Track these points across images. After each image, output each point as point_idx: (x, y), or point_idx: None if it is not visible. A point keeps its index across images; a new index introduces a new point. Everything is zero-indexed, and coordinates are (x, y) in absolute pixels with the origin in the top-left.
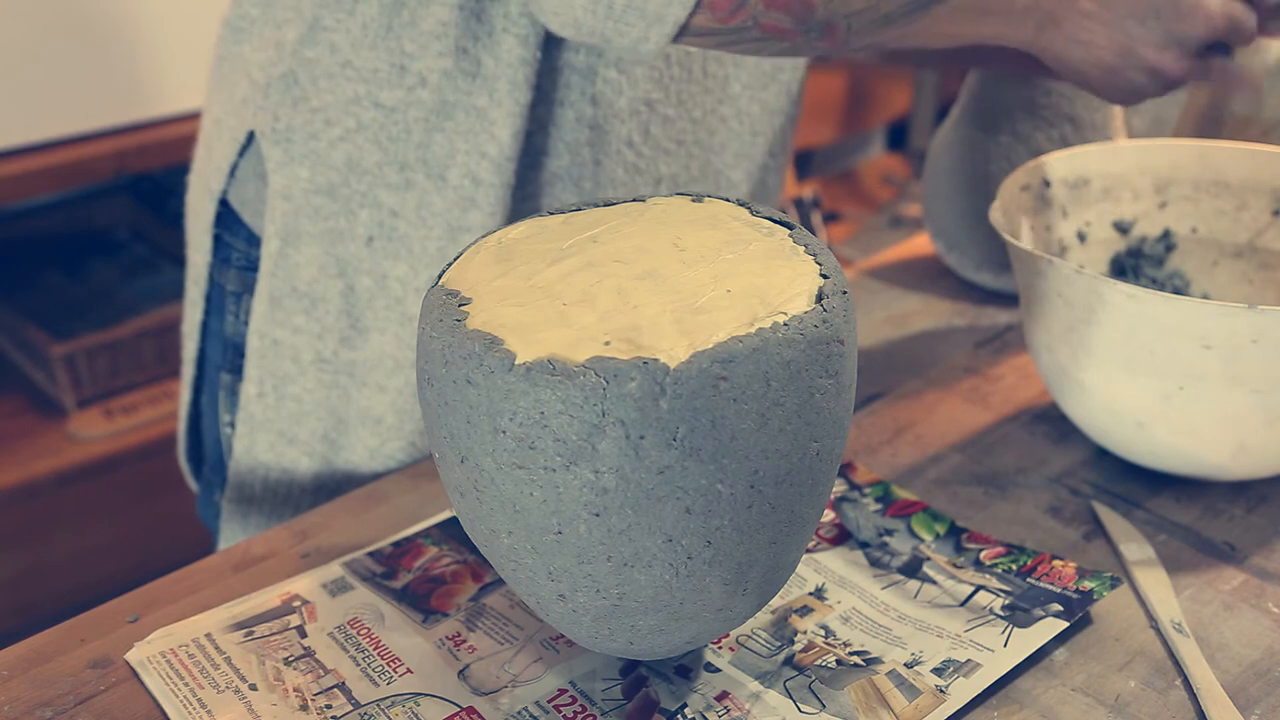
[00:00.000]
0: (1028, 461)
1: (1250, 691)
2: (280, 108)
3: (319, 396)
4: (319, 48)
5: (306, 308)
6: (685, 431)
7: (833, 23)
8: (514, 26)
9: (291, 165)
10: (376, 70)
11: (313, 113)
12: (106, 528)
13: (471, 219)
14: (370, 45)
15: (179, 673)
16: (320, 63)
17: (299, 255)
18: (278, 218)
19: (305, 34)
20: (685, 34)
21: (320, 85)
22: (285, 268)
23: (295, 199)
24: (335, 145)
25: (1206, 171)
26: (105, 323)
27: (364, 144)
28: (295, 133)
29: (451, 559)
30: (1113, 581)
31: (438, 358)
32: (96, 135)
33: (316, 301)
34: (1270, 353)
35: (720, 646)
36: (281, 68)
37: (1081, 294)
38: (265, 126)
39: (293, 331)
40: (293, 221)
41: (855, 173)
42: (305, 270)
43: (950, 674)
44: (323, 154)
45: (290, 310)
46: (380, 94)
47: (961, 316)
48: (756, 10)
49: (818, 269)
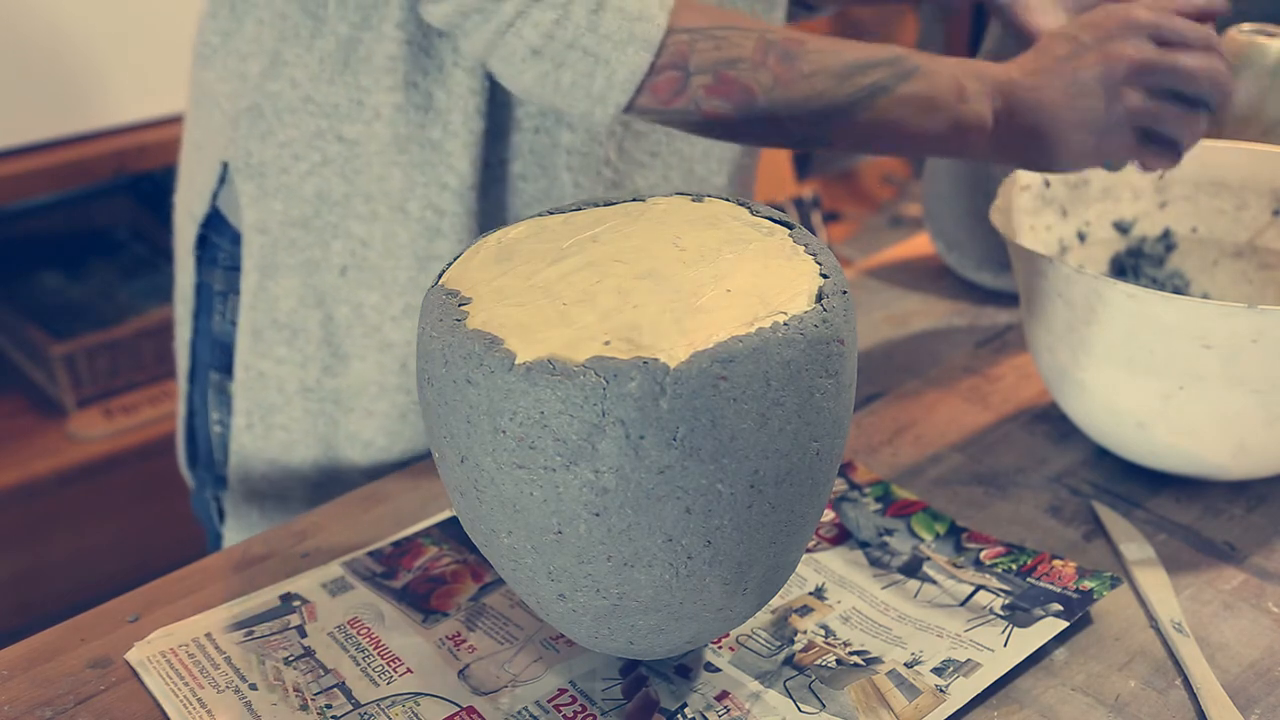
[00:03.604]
0: (1028, 461)
1: (1250, 691)
2: (250, 141)
3: (306, 425)
4: (281, 82)
5: (288, 339)
6: (685, 431)
7: (775, 113)
8: (463, 60)
9: (266, 199)
10: (337, 105)
11: (281, 147)
12: (106, 528)
13: (439, 248)
14: (329, 80)
15: (179, 673)
16: (283, 96)
17: (278, 287)
18: (255, 252)
19: (267, 68)
20: (631, 111)
21: (285, 120)
22: (265, 300)
23: (271, 232)
24: (305, 179)
25: (1206, 171)
26: (105, 323)
27: (331, 177)
28: (267, 167)
29: (451, 559)
30: (1113, 581)
31: (438, 358)
32: (96, 135)
33: (297, 332)
34: (1270, 353)
35: (720, 646)
36: (247, 100)
37: (1081, 294)
38: (239, 161)
39: (276, 363)
40: (270, 255)
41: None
42: (284, 302)
43: (950, 674)
44: (294, 187)
45: (272, 342)
46: (342, 128)
47: (961, 316)
48: (698, 96)
49: (818, 269)
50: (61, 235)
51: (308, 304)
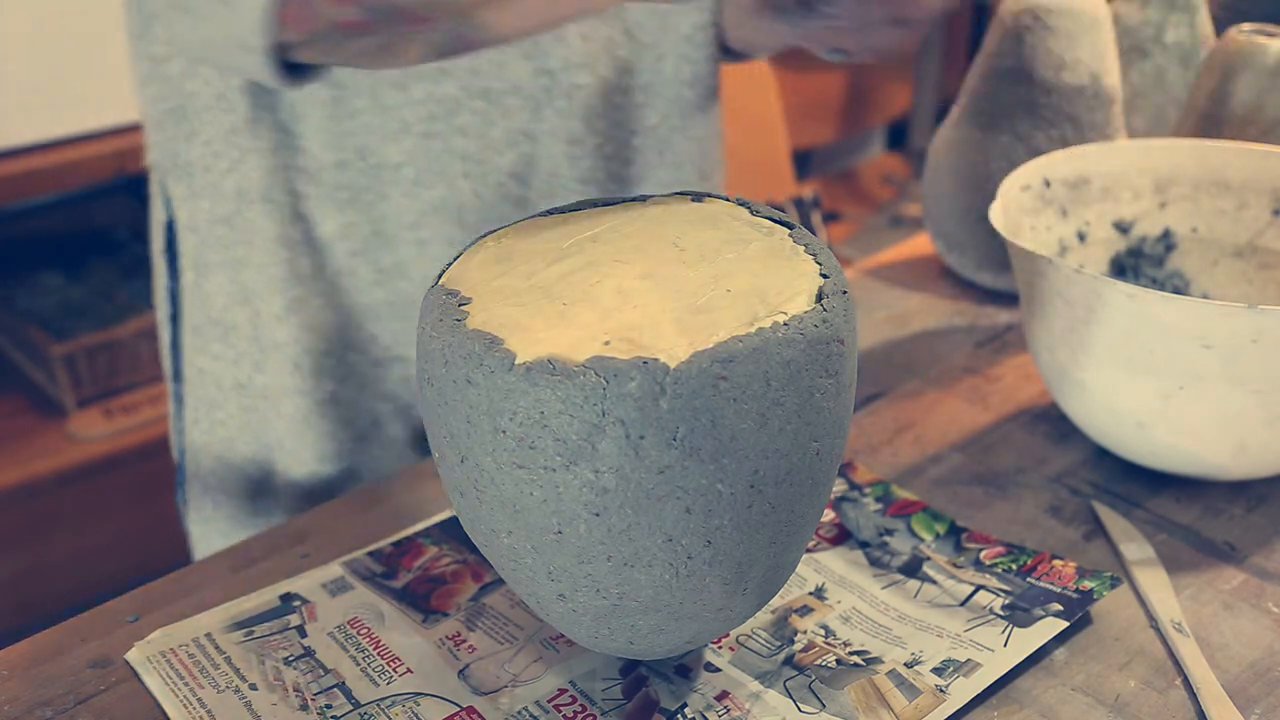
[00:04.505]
0: (1028, 461)
1: (1250, 691)
2: (176, 143)
3: (241, 421)
4: (197, 81)
5: (221, 335)
6: (685, 431)
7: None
8: None
9: (194, 199)
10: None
11: (204, 145)
12: (106, 528)
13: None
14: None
15: (179, 673)
16: (200, 95)
17: (210, 285)
18: (188, 250)
19: (185, 68)
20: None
21: (204, 118)
22: (200, 297)
23: (200, 231)
24: (226, 176)
25: (1206, 171)
26: (105, 323)
27: (249, 173)
28: (193, 166)
29: (451, 559)
30: (1113, 581)
31: (438, 358)
32: (96, 135)
33: (229, 329)
34: (1270, 353)
35: (720, 646)
36: (170, 102)
37: (1081, 294)
38: (167, 162)
39: (213, 359)
40: (201, 253)
41: (855, 173)
42: (217, 299)
43: (950, 674)
44: (217, 185)
45: (208, 338)
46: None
47: (961, 316)
48: (325, 10)
49: (818, 269)
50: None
51: (236, 300)
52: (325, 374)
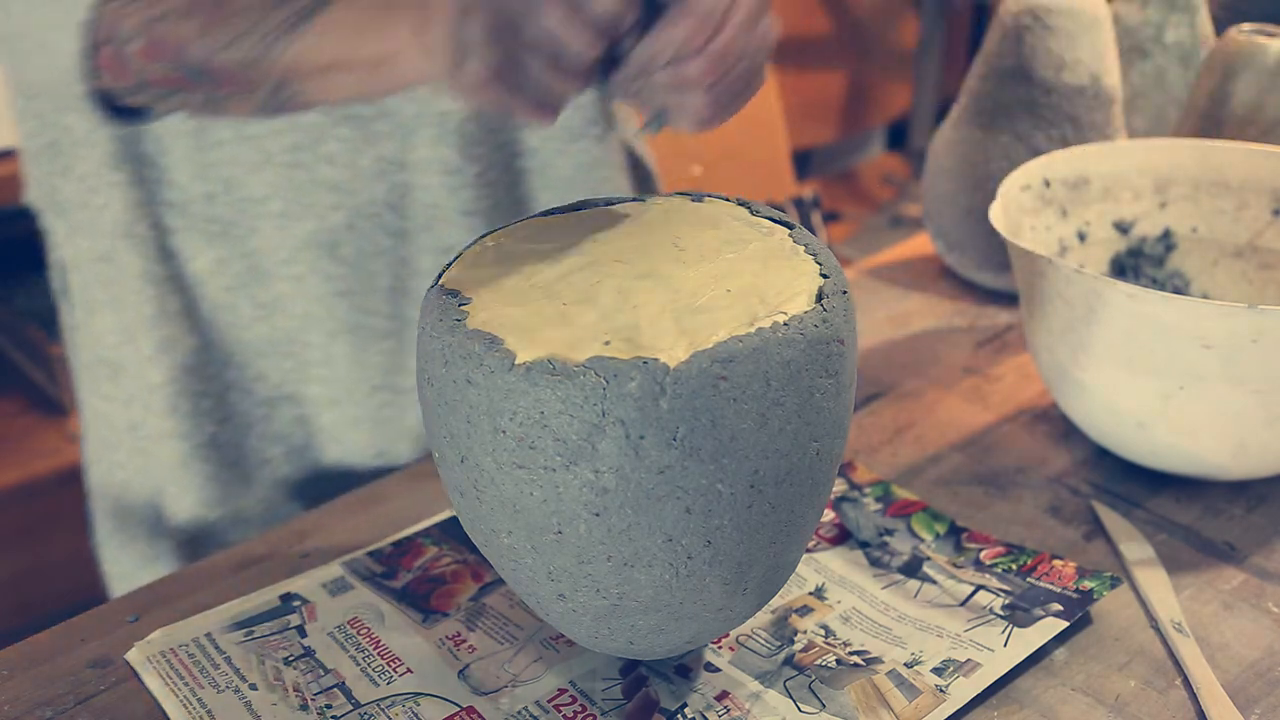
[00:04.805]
0: (1028, 461)
1: (1250, 691)
2: (53, 178)
3: (137, 464)
4: (73, 114)
5: (110, 375)
6: (685, 431)
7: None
8: None
9: (74, 236)
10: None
11: (79, 181)
12: None
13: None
14: None
15: (179, 673)
16: (74, 129)
17: (98, 324)
18: (74, 290)
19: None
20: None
21: (80, 153)
22: (91, 336)
23: (83, 269)
24: (101, 212)
25: (1206, 171)
26: None
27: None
28: (69, 204)
29: (451, 559)
30: (1113, 581)
31: (438, 358)
32: None
33: (118, 370)
34: (1270, 353)
35: (720, 646)
36: (45, 137)
37: (1081, 294)
38: (45, 200)
39: (104, 400)
40: (86, 291)
41: (855, 173)
42: (107, 338)
43: (950, 674)
44: (94, 221)
45: (99, 378)
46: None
47: (961, 316)
48: (136, 65)
49: (818, 269)
50: None
51: (124, 340)
52: (204, 415)
